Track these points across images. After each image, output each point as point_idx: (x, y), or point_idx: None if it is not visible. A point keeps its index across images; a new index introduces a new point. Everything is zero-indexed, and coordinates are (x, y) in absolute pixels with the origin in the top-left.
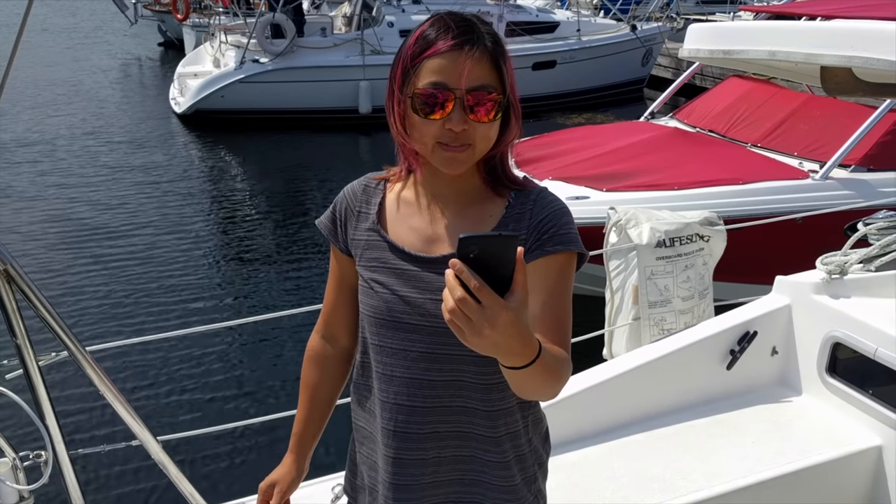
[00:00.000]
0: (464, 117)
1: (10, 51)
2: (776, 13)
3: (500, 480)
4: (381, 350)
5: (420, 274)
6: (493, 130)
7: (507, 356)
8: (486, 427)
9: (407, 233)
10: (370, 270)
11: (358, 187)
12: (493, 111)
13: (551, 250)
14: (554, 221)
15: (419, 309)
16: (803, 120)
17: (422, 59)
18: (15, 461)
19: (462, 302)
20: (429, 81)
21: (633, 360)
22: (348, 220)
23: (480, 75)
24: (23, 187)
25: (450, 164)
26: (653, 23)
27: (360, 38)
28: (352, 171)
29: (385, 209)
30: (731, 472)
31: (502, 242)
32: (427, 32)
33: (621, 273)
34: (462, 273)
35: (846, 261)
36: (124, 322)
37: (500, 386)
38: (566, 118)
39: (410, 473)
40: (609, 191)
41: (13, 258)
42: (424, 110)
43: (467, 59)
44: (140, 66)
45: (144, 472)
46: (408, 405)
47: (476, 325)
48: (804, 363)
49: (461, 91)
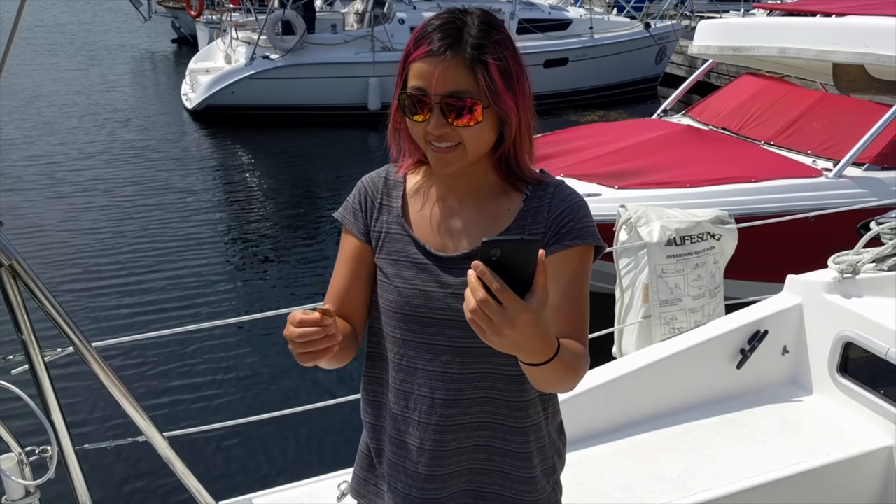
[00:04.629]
0: (442, 121)
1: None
2: (790, 10)
3: (521, 472)
4: (403, 343)
5: (441, 270)
6: (484, 132)
7: (527, 354)
8: (510, 418)
9: (428, 227)
10: (392, 264)
11: (378, 179)
12: (469, 115)
13: (570, 244)
14: (572, 215)
15: (440, 303)
16: (817, 118)
17: (409, 61)
18: (21, 456)
19: (484, 303)
20: (413, 84)
21: (643, 359)
22: (370, 211)
23: (454, 82)
24: (30, 181)
25: (439, 164)
26: (667, 20)
27: (371, 35)
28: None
29: (407, 202)
30: (740, 472)
31: (524, 246)
32: (419, 34)
33: (631, 271)
34: (484, 275)
35: (858, 260)
36: (130, 317)
37: (523, 377)
38: (579, 115)
39: (436, 463)
40: (621, 188)
41: (18, 253)
42: (411, 111)
43: (439, 66)
44: (153, 62)
45: (150, 467)
46: (429, 396)
47: (497, 325)
48: (815, 363)
49: (437, 97)
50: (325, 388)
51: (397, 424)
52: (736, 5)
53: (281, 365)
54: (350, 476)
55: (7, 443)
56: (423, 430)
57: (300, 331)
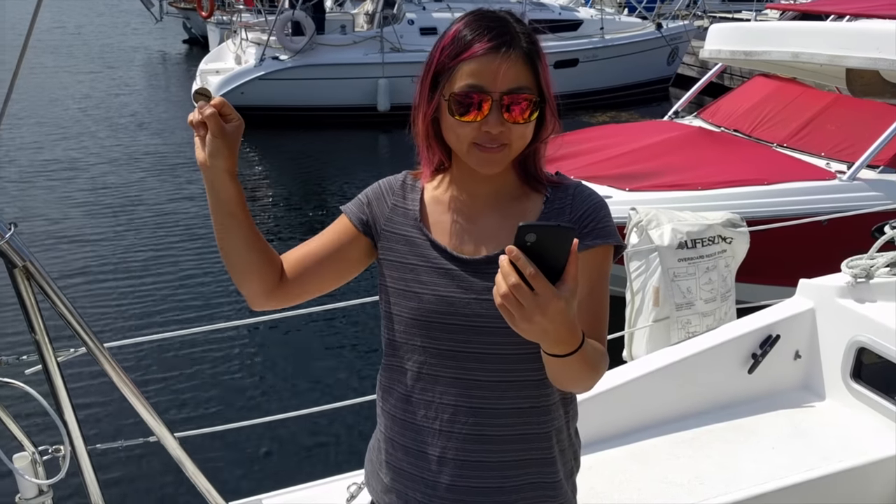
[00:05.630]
0: (500, 118)
1: (20, 47)
2: (803, 11)
3: (546, 477)
4: (423, 351)
5: (464, 274)
6: (529, 129)
7: (554, 344)
8: (535, 424)
9: (448, 232)
10: (410, 270)
11: (395, 182)
12: (528, 111)
13: (591, 244)
14: (594, 215)
15: (464, 309)
16: (831, 120)
17: (458, 61)
18: (34, 455)
19: (516, 288)
20: (465, 84)
21: (654, 363)
22: (379, 209)
23: (516, 77)
24: (43, 183)
25: (485, 165)
26: (679, 21)
27: (380, 36)
28: (370, 167)
29: (425, 206)
30: (751, 478)
31: (560, 233)
32: (463, 33)
33: (642, 274)
34: (518, 260)
35: (872, 264)
36: (143, 318)
37: (547, 381)
38: (591, 116)
39: (459, 473)
40: (632, 190)
41: (32, 254)
42: (460, 111)
43: (503, 61)
44: (165, 63)
45: (161, 467)
46: (452, 405)
47: (528, 311)
48: (828, 368)
49: (497, 93)
50: (336, 390)
51: (416, 435)
52: (748, 5)
53: (292, 367)
54: (360, 478)
55: (21, 442)
56: (446, 438)
57: None
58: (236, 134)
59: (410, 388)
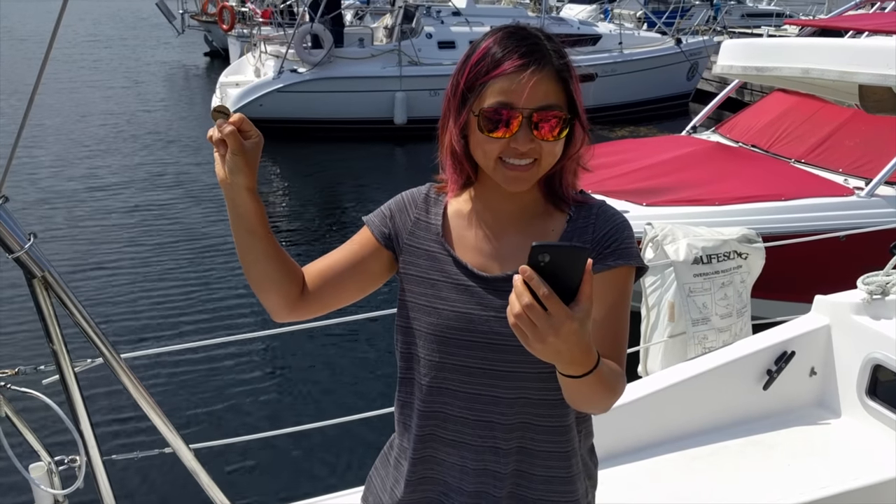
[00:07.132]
0: (529, 136)
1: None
2: (821, 27)
3: (559, 496)
4: (440, 366)
5: (483, 291)
6: (559, 147)
7: (568, 364)
8: (550, 443)
9: (470, 248)
10: (430, 285)
11: (418, 195)
12: (558, 128)
13: (613, 265)
14: (616, 236)
15: (482, 326)
16: (849, 135)
17: (488, 78)
18: (50, 465)
19: (529, 308)
20: (495, 101)
21: (669, 378)
22: (402, 223)
23: (546, 94)
24: (63, 193)
25: (513, 182)
26: (698, 36)
27: (398, 49)
28: (387, 180)
29: (448, 221)
30: (765, 495)
31: (574, 253)
32: (493, 50)
33: (657, 290)
34: (532, 280)
35: (888, 281)
36: (159, 329)
37: (563, 402)
38: (609, 131)
39: (479, 481)
40: (649, 205)
41: (51, 265)
42: (489, 127)
43: (533, 78)
44: (186, 75)
45: (177, 479)
46: (463, 417)
47: (541, 331)
48: (843, 385)
49: (527, 110)
50: (351, 403)
51: (434, 449)
52: (768, 21)
53: (307, 379)
54: None
55: (37, 452)
56: (461, 448)
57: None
58: (256, 151)
59: (428, 403)
